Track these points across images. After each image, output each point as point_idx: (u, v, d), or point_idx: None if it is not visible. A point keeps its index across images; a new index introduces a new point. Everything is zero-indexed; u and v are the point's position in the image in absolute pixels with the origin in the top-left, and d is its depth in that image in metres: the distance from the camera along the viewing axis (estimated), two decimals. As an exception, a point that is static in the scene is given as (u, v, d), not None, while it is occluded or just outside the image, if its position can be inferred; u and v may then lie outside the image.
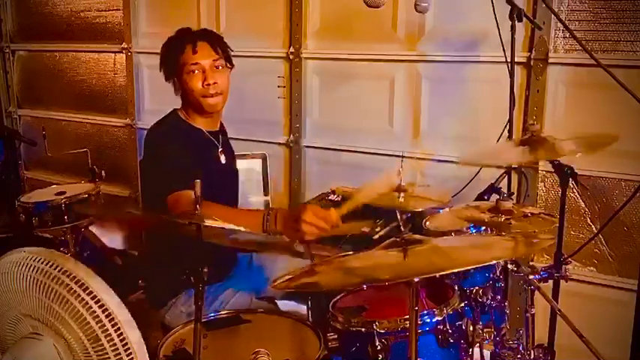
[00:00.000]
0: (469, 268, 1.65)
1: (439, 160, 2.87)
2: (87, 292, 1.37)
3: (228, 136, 2.39)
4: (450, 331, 1.66)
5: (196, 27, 2.29)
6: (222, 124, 2.32)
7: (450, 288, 1.82)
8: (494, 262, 1.96)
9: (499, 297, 1.97)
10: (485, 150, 2.23)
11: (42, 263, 1.42)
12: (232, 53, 2.22)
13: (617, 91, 1.72)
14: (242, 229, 1.48)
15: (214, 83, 2.11)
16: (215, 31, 2.35)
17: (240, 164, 2.53)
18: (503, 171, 2.42)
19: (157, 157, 2.09)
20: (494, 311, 1.94)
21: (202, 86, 2.10)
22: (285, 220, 1.85)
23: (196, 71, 2.10)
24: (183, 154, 2.02)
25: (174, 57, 2.13)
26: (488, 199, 2.25)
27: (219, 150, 2.25)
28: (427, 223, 2.16)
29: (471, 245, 1.42)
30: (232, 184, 2.36)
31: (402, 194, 1.90)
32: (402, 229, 1.32)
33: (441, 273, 1.21)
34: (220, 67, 2.14)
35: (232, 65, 2.22)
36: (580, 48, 2.40)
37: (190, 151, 2.07)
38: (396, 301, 1.79)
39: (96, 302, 1.36)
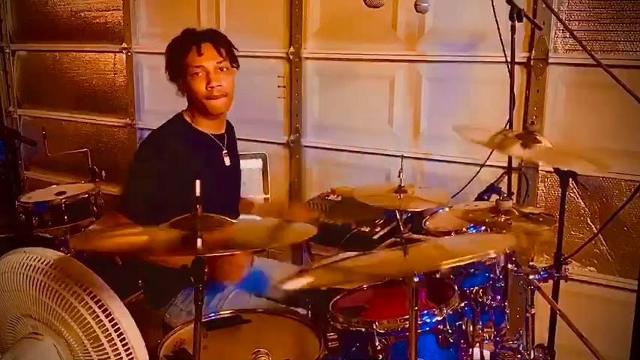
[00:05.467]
0: (469, 261, 1.65)
1: (439, 160, 2.88)
2: (87, 292, 1.37)
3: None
4: (450, 331, 1.66)
5: (197, 27, 2.28)
6: (228, 123, 2.30)
7: (450, 288, 1.82)
8: (495, 259, 1.96)
9: (499, 297, 1.97)
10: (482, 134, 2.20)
11: (42, 263, 1.42)
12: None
13: (617, 91, 1.71)
14: None
15: (218, 85, 2.08)
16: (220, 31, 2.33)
17: (241, 164, 2.53)
18: (503, 171, 2.42)
19: (153, 168, 2.06)
20: (494, 311, 1.94)
21: (206, 89, 2.08)
22: None
23: (200, 73, 2.08)
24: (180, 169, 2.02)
25: (178, 58, 2.10)
26: (488, 199, 2.25)
27: (224, 152, 2.24)
28: (427, 223, 2.16)
29: (470, 241, 1.42)
30: (235, 186, 2.36)
31: (401, 195, 1.91)
32: (402, 229, 1.32)
33: (441, 266, 1.20)
34: (225, 69, 2.12)
35: (237, 66, 2.19)
36: (580, 48, 2.40)
37: (192, 157, 2.07)
38: (396, 301, 1.79)
39: (96, 302, 1.36)
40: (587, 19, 2.47)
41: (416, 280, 1.22)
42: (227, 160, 2.25)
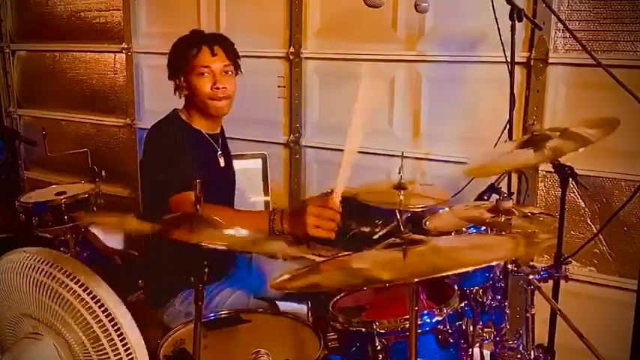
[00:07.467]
0: (469, 269, 1.65)
1: (439, 160, 2.88)
2: (87, 292, 1.37)
3: (229, 135, 2.39)
4: (450, 331, 1.66)
5: (196, 27, 2.29)
6: (221, 126, 2.32)
7: (450, 288, 1.82)
8: (495, 262, 1.96)
9: (499, 297, 1.98)
10: (489, 157, 2.20)
11: (42, 263, 1.41)
12: None
13: (617, 91, 1.72)
14: (246, 231, 1.47)
15: (224, 87, 2.12)
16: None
17: (240, 164, 2.53)
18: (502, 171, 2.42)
19: (159, 157, 2.08)
20: (494, 311, 1.95)
21: (211, 89, 2.11)
22: (291, 217, 1.80)
23: (206, 74, 2.10)
24: (185, 156, 2.01)
25: (186, 56, 2.12)
26: (488, 199, 2.25)
27: (219, 153, 2.24)
28: (427, 223, 2.16)
29: (471, 246, 1.41)
30: (230, 187, 2.36)
31: (402, 192, 1.91)
32: (402, 229, 1.32)
33: (441, 274, 1.20)
34: (230, 73, 2.15)
35: (239, 72, 2.22)
36: (580, 48, 2.40)
37: (190, 152, 2.07)
38: (396, 301, 1.79)
39: (96, 302, 1.36)
40: (587, 19, 2.47)
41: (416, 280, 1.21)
42: (221, 161, 2.25)
